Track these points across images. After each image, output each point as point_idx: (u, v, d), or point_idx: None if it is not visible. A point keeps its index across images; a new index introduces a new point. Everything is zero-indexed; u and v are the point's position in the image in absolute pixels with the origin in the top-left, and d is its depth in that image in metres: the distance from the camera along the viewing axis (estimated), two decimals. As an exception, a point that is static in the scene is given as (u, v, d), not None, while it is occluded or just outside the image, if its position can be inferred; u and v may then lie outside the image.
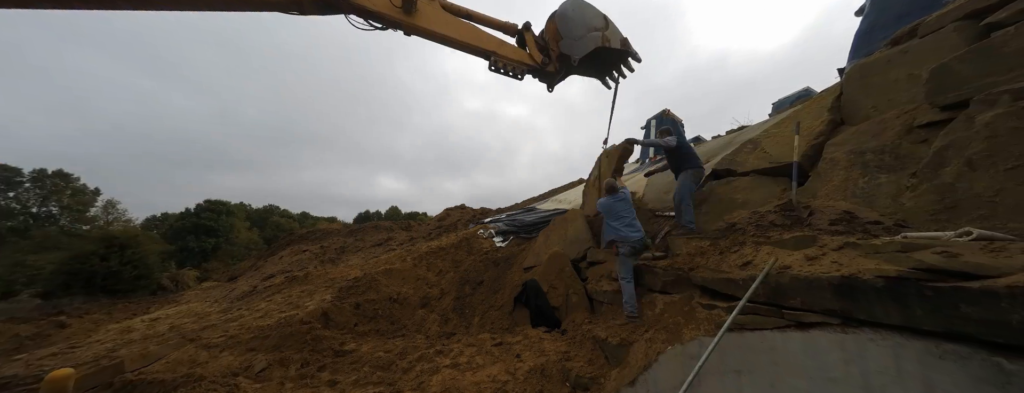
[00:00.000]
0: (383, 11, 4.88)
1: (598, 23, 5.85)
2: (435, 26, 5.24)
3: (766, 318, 2.82)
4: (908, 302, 2.11)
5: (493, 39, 5.67)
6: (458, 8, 5.61)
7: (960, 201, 2.83)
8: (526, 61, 5.76)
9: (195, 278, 21.17)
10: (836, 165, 4.10)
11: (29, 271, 19.02)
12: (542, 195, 16.85)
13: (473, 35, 5.52)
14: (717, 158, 6.28)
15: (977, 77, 2.96)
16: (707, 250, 4.12)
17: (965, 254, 2.10)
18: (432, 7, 5.27)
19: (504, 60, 5.63)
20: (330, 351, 5.24)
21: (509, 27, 5.94)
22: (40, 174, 27.70)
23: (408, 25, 5.10)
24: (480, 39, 5.55)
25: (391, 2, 4.90)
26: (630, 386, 3.42)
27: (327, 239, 19.86)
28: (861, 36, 6.47)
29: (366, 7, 4.81)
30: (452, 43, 5.49)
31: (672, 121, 14.72)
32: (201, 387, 4.24)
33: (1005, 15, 3.04)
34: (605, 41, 5.75)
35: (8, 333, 9.16)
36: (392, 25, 5.08)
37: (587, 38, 5.68)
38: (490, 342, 4.89)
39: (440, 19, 5.32)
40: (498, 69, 5.69)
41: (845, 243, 2.80)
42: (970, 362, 1.90)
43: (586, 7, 5.91)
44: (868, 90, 4.30)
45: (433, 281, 7.68)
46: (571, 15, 5.77)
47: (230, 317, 7.98)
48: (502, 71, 5.71)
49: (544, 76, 6.01)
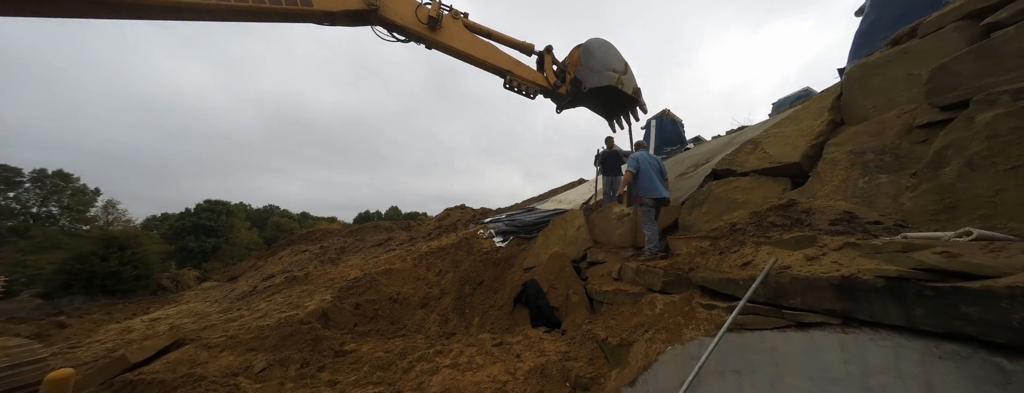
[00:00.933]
0: (410, 26, 5.28)
1: (618, 66, 6.21)
2: (456, 43, 5.59)
3: (766, 318, 2.82)
4: (908, 302, 2.11)
5: (510, 59, 6.02)
6: (479, 27, 5.94)
7: (960, 201, 2.83)
8: (540, 82, 6.13)
9: (195, 278, 21.18)
10: (836, 165, 4.09)
11: (29, 271, 19.04)
12: (542, 195, 16.85)
13: (491, 54, 5.87)
14: (717, 158, 6.28)
15: (977, 77, 2.96)
16: (707, 250, 4.11)
17: (965, 254, 2.10)
18: (455, 25, 5.63)
19: (519, 79, 6.00)
20: (330, 351, 5.24)
21: (526, 46, 6.27)
22: (40, 174, 27.72)
23: (431, 40, 5.46)
24: (498, 58, 5.91)
25: (418, 18, 5.27)
26: (630, 386, 3.42)
27: (327, 239, 19.89)
28: (861, 36, 6.47)
29: (394, 22, 5.18)
30: (471, 60, 5.82)
31: (672, 121, 14.71)
32: (201, 387, 4.24)
33: (1005, 15, 3.03)
34: (619, 83, 6.13)
35: (8, 333, 9.16)
36: (416, 39, 5.45)
37: (603, 74, 6.04)
38: (490, 342, 4.89)
39: (462, 37, 5.69)
40: (512, 87, 6.05)
41: (845, 243, 2.80)
42: (970, 362, 1.90)
43: (611, 49, 6.30)
44: (868, 90, 4.30)
45: (433, 281, 7.68)
46: (595, 51, 6.11)
47: (230, 317, 7.99)
48: (516, 89, 6.08)
49: (555, 97, 6.34)
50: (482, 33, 5.92)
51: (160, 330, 8.11)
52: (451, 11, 5.62)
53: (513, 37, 6.15)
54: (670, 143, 13.96)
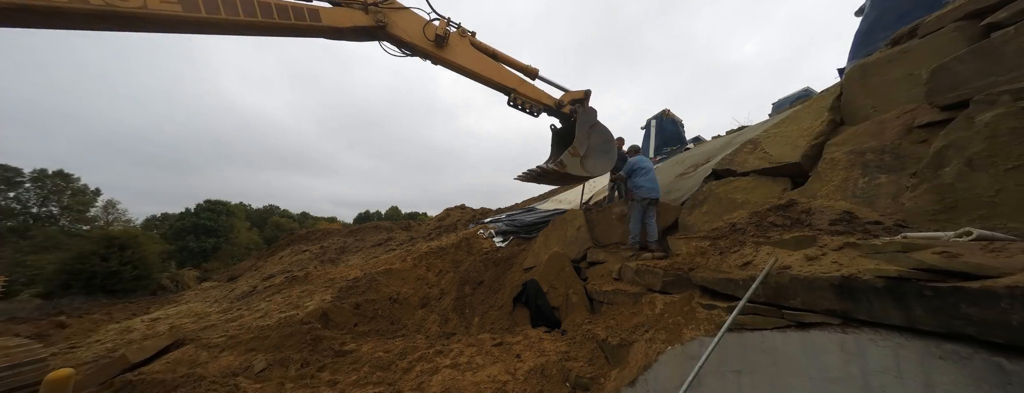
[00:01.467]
0: (417, 43, 5.38)
1: (583, 147, 6.16)
2: (462, 60, 5.72)
3: (766, 318, 2.82)
4: (908, 302, 2.11)
5: (515, 77, 6.12)
6: (485, 47, 6.05)
7: (960, 201, 2.83)
8: (544, 101, 6.25)
9: (195, 278, 21.17)
10: (836, 165, 4.09)
11: (29, 271, 19.04)
12: (542, 195, 16.85)
13: (496, 72, 6.00)
14: (717, 158, 6.28)
15: (977, 77, 2.96)
16: (707, 250, 4.11)
17: (965, 254, 2.10)
18: (462, 43, 5.76)
19: (523, 97, 6.12)
20: (330, 351, 5.24)
21: (531, 70, 6.34)
22: (40, 174, 27.72)
23: (437, 57, 5.58)
24: (503, 76, 6.02)
25: (425, 36, 5.38)
26: (630, 386, 3.42)
27: (327, 239, 19.89)
28: (861, 36, 6.48)
29: (402, 38, 5.29)
30: (475, 77, 5.94)
31: (672, 121, 14.70)
32: (201, 387, 4.24)
33: (1005, 15, 3.03)
34: (574, 153, 6.01)
35: (8, 333, 9.16)
36: (422, 55, 5.57)
37: (581, 134, 6.10)
38: (490, 342, 4.89)
39: (468, 54, 5.80)
40: (516, 105, 6.17)
41: (845, 243, 2.81)
42: (970, 362, 1.90)
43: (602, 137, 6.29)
44: (868, 90, 4.30)
45: (433, 281, 7.68)
46: (599, 128, 6.24)
47: (230, 317, 7.99)
48: (519, 107, 6.20)
49: (559, 115, 6.55)
50: (488, 53, 6.03)
51: (160, 330, 8.11)
52: (459, 29, 5.74)
53: (518, 60, 6.28)
54: (670, 143, 13.98)
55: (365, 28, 5.04)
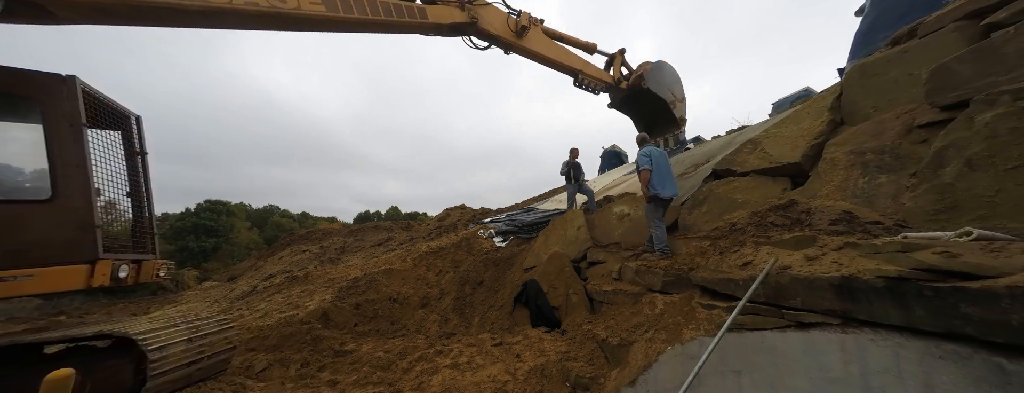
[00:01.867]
0: (502, 35, 5.92)
1: (679, 92, 7.16)
2: (537, 47, 6.28)
3: (766, 318, 2.82)
4: (908, 302, 2.11)
5: (580, 60, 6.78)
6: (553, 32, 6.66)
7: (960, 201, 2.83)
8: (605, 79, 6.95)
9: (195, 278, 21.15)
10: (836, 165, 4.09)
11: (29, 271, 18.96)
12: (542, 195, 16.84)
13: (565, 56, 6.62)
14: (717, 158, 6.28)
15: (977, 77, 2.96)
16: (707, 250, 4.12)
17: (965, 254, 2.10)
18: (536, 32, 6.31)
19: (588, 77, 6.77)
20: (330, 351, 5.24)
21: (590, 46, 6.99)
22: (40, 174, 27.65)
23: (518, 47, 6.11)
24: (570, 59, 6.65)
25: (509, 28, 5.95)
26: (630, 386, 3.42)
27: (327, 239, 19.87)
28: (861, 36, 6.49)
29: (489, 31, 5.83)
30: (547, 62, 6.52)
31: (616, 154, 14.86)
32: (202, 386, 4.23)
33: (1005, 15, 3.03)
34: (672, 104, 6.97)
35: (8, 333, 9.15)
36: (502, 45, 6.09)
37: (663, 90, 6.86)
38: (490, 342, 4.89)
39: (542, 42, 6.40)
40: (581, 85, 6.86)
41: (845, 243, 2.81)
42: (970, 362, 1.90)
43: (678, 77, 7.22)
44: (868, 90, 4.30)
45: (433, 281, 7.68)
46: (666, 70, 7.00)
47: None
48: (584, 87, 6.89)
49: (615, 91, 7.18)
50: (556, 37, 6.62)
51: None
52: (532, 19, 6.32)
53: (579, 38, 6.90)
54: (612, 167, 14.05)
55: (459, 24, 5.55)
